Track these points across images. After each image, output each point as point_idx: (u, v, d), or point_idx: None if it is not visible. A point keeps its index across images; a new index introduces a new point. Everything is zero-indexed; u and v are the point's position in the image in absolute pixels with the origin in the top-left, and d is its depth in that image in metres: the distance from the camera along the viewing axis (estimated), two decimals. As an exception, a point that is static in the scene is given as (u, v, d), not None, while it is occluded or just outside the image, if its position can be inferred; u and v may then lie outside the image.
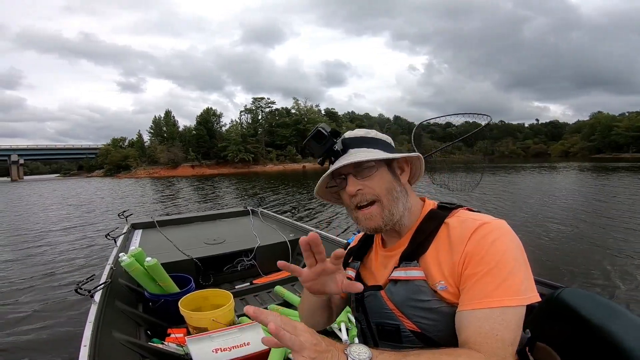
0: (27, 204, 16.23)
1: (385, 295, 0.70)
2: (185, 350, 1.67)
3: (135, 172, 49.33)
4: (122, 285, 2.22)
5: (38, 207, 14.76)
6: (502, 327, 0.57)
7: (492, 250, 0.61)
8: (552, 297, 0.79)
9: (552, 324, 0.73)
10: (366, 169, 0.70)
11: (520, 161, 48.81)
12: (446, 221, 0.69)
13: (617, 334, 0.67)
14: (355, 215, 0.73)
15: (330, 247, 2.57)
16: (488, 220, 0.65)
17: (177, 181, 30.22)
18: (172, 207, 12.62)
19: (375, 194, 0.70)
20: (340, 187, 0.74)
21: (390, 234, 0.76)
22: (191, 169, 49.36)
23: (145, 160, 52.39)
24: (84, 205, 14.55)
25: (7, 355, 2.74)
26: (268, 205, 10.68)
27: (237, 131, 54.52)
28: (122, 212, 3.59)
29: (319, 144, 0.74)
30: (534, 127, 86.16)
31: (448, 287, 0.63)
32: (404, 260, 0.69)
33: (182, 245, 2.76)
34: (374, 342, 0.75)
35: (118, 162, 53.24)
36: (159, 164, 50.13)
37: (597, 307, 0.73)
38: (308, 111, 60.19)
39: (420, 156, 0.75)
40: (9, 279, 4.67)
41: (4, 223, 10.19)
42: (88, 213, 11.75)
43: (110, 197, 17.84)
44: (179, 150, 51.32)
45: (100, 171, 56.28)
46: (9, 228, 9.23)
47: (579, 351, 0.73)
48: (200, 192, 18.72)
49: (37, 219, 10.85)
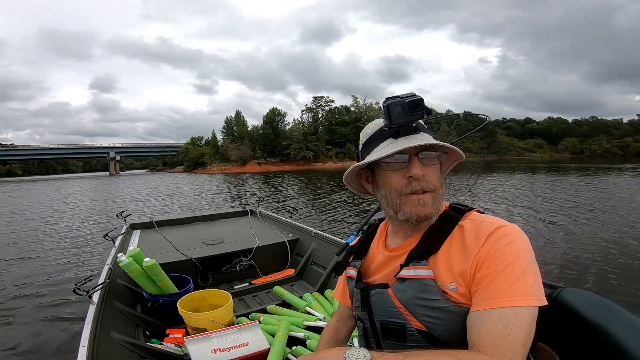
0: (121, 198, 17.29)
1: (392, 293, 0.70)
2: (184, 351, 1.67)
3: (209, 169, 53.55)
4: (121, 286, 2.21)
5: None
6: (515, 327, 0.56)
7: (505, 252, 0.61)
8: (551, 297, 0.79)
9: (552, 324, 0.73)
10: (431, 157, 0.69)
11: (617, 161, 41.03)
12: (460, 223, 0.69)
13: (617, 334, 0.66)
14: (404, 200, 0.69)
15: (330, 248, 2.57)
16: (503, 224, 0.65)
17: (248, 177, 31.32)
18: (275, 200, 13.12)
19: (434, 184, 0.69)
20: (389, 167, 0.69)
21: (405, 231, 0.75)
22: (258, 166, 52.70)
23: (219, 158, 56.85)
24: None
25: (5, 356, 2.73)
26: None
27: (299, 130, 56.88)
28: (121, 213, 3.58)
29: (410, 112, 0.66)
30: (635, 124, 72.09)
31: (459, 289, 0.64)
32: (413, 260, 0.69)
33: (180, 245, 2.75)
34: (377, 342, 0.75)
35: (196, 159, 58.00)
36: (230, 161, 54.49)
37: (597, 307, 0.73)
38: (368, 109, 60.58)
39: (462, 157, 0.74)
40: (9, 279, 4.65)
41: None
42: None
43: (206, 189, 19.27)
44: (248, 149, 55.25)
45: (181, 167, 61.54)
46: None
47: (579, 351, 0.73)
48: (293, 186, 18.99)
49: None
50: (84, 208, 13.23)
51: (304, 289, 2.53)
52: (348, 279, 0.85)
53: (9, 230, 8.69)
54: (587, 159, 50.87)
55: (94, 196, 19.42)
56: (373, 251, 0.83)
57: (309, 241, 2.87)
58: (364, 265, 0.83)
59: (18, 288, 4.27)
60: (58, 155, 72.58)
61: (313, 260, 2.73)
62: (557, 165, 10.25)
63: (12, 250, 6.43)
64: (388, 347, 0.72)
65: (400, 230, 0.76)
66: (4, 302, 3.84)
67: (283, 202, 12.17)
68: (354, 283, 0.81)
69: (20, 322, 3.31)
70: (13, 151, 69.52)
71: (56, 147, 69.92)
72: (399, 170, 0.69)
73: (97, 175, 72.28)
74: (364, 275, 0.81)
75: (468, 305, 0.63)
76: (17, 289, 4.25)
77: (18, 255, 6.06)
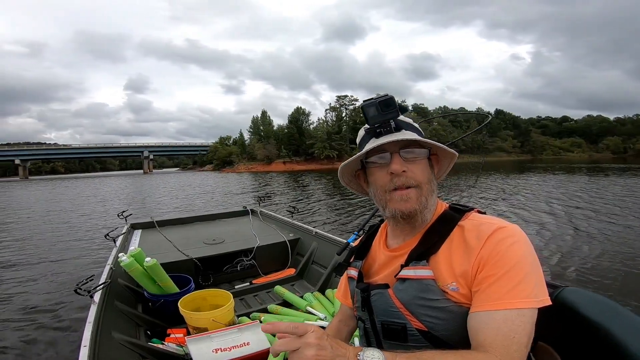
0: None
1: (392, 294, 0.71)
2: (185, 351, 1.67)
3: (237, 167, 55.85)
4: (122, 286, 2.21)
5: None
6: (520, 329, 0.57)
7: (508, 254, 0.62)
8: (553, 296, 0.79)
9: (553, 324, 0.73)
10: (413, 153, 0.70)
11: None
12: (460, 224, 0.69)
13: (617, 333, 0.66)
14: (389, 197, 0.70)
15: (330, 247, 2.57)
16: (503, 224, 0.66)
17: (274, 176, 31.88)
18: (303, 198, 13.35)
19: (417, 180, 0.70)
20: (374, 165, 0.72)
21: (402, 230, 0.75)
22: (283, 165, 54.08)
23: (246, 157, 59.24)
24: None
25: (6, 356, 2.73)
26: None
27: (323, 129, 57.74)
28: (122, 213, 3.58)
29: (383, 111, 0.69)
30: (688, 123, 68.13)
31: (460, 289, 0.64)
32: (414, 260, 0.69)
33: (181, 245, 2.76)
34: (378, 342, 0.75)
35: (224, 158, 60.69)
36: (256, 160, 56.40)
37: (598, 307, 0.72)
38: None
39: (455, 155, 0.75)
40: (12, 278, 4.66)
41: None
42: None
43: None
44: (273, 148, 56.36)
45: (210, 166, 64.37)
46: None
47: (580, 351, 0.73)
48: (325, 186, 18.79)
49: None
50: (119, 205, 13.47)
51: (305, 288, 2.53)
52: (349, 279, 0.85)
53: (27, 227, 8.92)
54: (631, 158, 47.77)
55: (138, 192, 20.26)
56: (374, 251, 0.83)
57: (309, 241, 2.87)
58: (365, 265, 0.83)
59: (18, 288, 4.28)
60: (97, 154, 77.74)
61: (314, 260, 2.73)
62: (598, 166, 9.80)
63: (24, 247, 6.53)
64: (389, 347, 0.72)
65: (398, 229, 0.76)
66: (5, 301, 3.85)
67: (319, 201, 12.03)
68: (355, 283, 0.81)
69: (20, 322, 3.32)
70: (56, 150, 75.02)
71: (95, 147, 75.17)
72: (383, 167, 0.71)
73: (132, 173, 76.39)
74: (366, 276, 0.81)
75: (468, 305, 0.63)
76: (18, 289, 4.26)
77: (27, 252, 6.12)
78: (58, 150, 75.22)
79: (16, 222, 10.00)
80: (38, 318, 3.37)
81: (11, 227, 9.22)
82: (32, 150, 71.21)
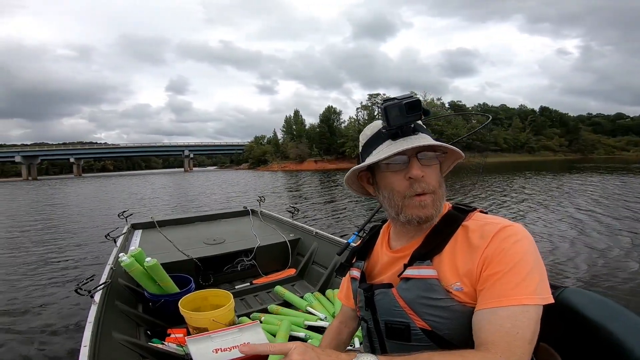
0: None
1: (396, 293, 0.70)
2: (185, 351, 1.67)
3: (270, 166, 56.93)
4: (122, 286, 2.21)
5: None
6: (524, 325, 0.57)
7: (512, 251, 0.62)
8: (554, 297, 0.79)
9: (553, 324, 0.73)
10: (428, 157, 0.69)
11: None
12: (464, 224, 0.69)
13: (619, 334, 0.66)
14: (407, 202, 0.68)
15: (331, 247, 2.57)
16: (507, 224, 0.66)
17: (305, 174, 32.11)
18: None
19: (434, 185, 0.69)
20: (387, 168, 0.70)
21: (408, 232, 0.75)
22: (314, 164, 54.44)
23: (279, 156, 59.66)
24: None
25: (7, 356, 2.73)
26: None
27: (354, 128, 56.59)
28: (122, 212, 3.58)
29: (407, 113, 0.66)
30: None
31: (464, 288, 0.64)
32: (417, 260, 0.69)
33: (182, 245, 2.76)
34: (381, 342, 0.75)
35: (259, 156, 62.37)
36: (289, 159, 56.98)
37: (599, 307, 0.72)
38: (428, 105, 58.26)
39: (462, 157, 0.73)
40: (13, 277, 4.66)
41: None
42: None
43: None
44: (305, 147, 57.19)
45: (246, 164, 66.97)
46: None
47: (580, 351, 0.73)
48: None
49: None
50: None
51: (305, 288, 2.53)
52: (351, 279, 0.85)
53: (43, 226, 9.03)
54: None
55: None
56: (377, 252, 0.83)
57: (310, 241, 2.87)
58: (367, 266, 0.83)
59: (20, 287, 4.29)
60: (142, 152, 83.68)
61: (314, 260, 2.73)
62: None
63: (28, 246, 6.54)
64: (392, 346, 0.72)
65: (403, 231, 0.76)
66: (6, 301, 3.85)
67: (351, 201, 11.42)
68: (357, 284, 0.81)
69: (21, 322, 3.32)
70: (106, 149, 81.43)
71: (140, 146, 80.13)
72: (399, 171, 0.69)
73: (174, 171, 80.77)
74: (368, 277, 0.81)
75: (473, 305, 0.63)
76: (19, 288, 4.26)
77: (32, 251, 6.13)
78: (108, 149, 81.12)
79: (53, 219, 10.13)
80: (38, 318, 3.37)
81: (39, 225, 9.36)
82: (85, 149, 76.62)
